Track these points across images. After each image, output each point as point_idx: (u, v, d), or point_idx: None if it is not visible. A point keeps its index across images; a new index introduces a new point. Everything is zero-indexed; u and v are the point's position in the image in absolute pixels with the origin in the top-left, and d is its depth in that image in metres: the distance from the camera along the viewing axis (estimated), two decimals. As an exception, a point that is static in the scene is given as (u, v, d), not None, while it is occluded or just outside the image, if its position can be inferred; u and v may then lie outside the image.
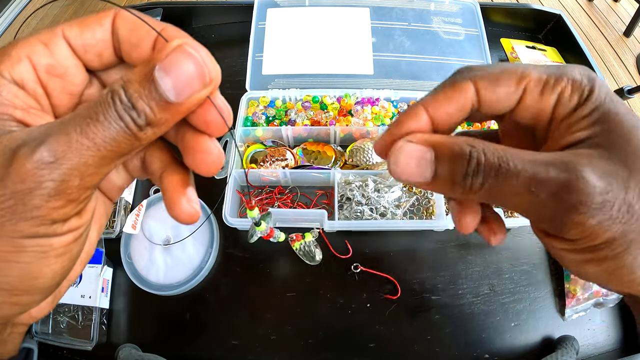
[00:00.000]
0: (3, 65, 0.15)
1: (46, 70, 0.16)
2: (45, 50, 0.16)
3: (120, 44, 0.17)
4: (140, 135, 0.15)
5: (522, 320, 0.50)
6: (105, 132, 0.14)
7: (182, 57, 0.15)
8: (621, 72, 1.77)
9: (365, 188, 0.56)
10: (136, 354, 0.45)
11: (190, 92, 0.15)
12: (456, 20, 0.71)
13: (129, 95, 0.14)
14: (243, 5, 0.77)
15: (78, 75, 0.17)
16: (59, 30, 0.16)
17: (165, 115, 0.15)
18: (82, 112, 0.14)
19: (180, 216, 0.18)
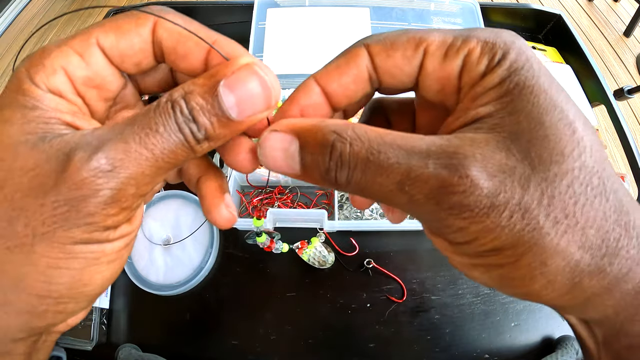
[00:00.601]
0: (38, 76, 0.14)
1: (83, 82, 0.16)
2: (80, 61, 0.15)
3: (164, 53, 0.17)
4: (196, 148, 0.14)
5: (522, 320, 0.50)
6: (164, 143, 0.14)
7: (249, 77, 0.14)
8: (621, 72, 1.77)
9: (365, 188, 0.56)
10: (136, 354, 0.45)
11: (253, 112, 0.14)
12: (456, 20, 0.71)
13: (190, 108, 0.14)
14: (243, 5, 0.77)
15: (114, 83, 0.17)
16: (93, 38, 0.15)
17: (224, 132, 0.14)
18: (140, 121, 0.14)
19: (219, 221, 0.18)
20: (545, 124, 0.13)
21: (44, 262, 0.13)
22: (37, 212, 0.13)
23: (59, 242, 0.13)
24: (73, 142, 0.13)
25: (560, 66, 0.70)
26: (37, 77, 0.14)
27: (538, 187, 0.12)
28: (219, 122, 0.14)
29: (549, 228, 0.12)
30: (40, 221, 0.13)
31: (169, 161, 0.14)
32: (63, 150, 0.13)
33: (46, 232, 0.13)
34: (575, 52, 0.72)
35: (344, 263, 0.53)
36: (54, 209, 0.13)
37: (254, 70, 0.14)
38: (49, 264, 0.13)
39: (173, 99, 0.14)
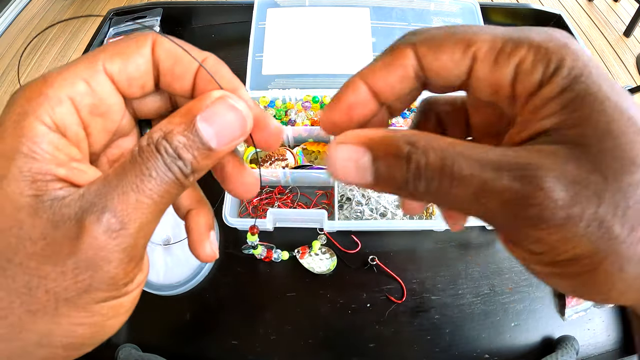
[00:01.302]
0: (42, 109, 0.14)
1: (90, 111, 0.15)
2: (87, 88, 0.15)
3: (160, 74, 0.17)
4: (185, 182, 0.15)
5: (522, 320, 0.50)
6: (159, 186, 0.14)
7: (223, 108, 0.15)
8: (621, 72, 1.77)
9: (366, 188, 0.56)
10: (136, 354, 0.45)
11: (231, 139, 0.15)
12: (456, 20, 0.71)
13: (174, 147, 0.14)
14: (243, 5, 0.77)
15: (119, 112, 0.17)
16: (100, 63, 0.15)
17: (207, 162, 0.15)
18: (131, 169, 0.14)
19: (202, 257, 0.19)
20: (614, 132, 0.12)
21: (66, 321, 0.14)
22: (59, 279, 0.13)
23: (82, 304, 0.13)
24: (77, 206, 0.13)
25: (560, 66, 0.70)
26: (40, 109, 0.14)
27: (612, 198, 0.12)
28: (202, 155, 0.15)
29: (625, 237, 0.12)
30: (63, 287, 0.13)
31: (166, 201, 0.15)
32: (69, 216, 0.13)
33: (69, 297, 0.13)
34: (575, 52, 0.72)
35: (347, 261, 0.53)
36: (75, 275, 0.13)
37: (227, 101, 0.15)
38: (71, 322, 0.14)
39: (155, 141, 0.14)
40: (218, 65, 0.17)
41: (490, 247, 0.55)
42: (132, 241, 0.14)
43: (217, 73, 0.17)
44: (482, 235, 0.56)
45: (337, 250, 0.53)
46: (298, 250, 0.51)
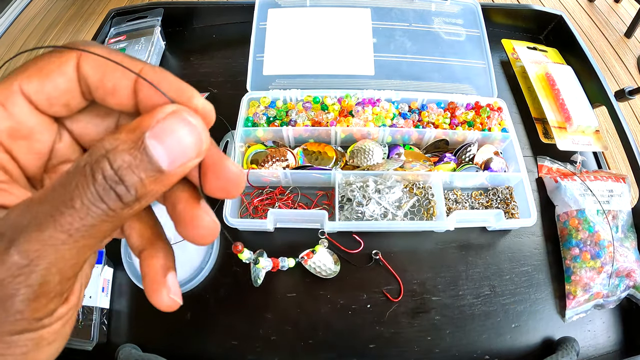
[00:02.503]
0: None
1: (8, 134, 0.14)
2: (2, 111, 0.14)
3: (91, 90, 0.15)
4: (124, 213, 0.13)
5: (523, 321, 0.50)
6: (82, 220, 0.12)
7: (177, 124, 0.13)
8: (622, 73, 1.77)
9: (366, 189, 0.56)
10: (136, 354, 0.45)
11: (185, 159, 0.13)
12: (457, 21, 0.71)
13: (116, 167, 0.12)
14: (244, 6, 0.77)
15: (45, 132, 0.16)
16: (15, 85, 0.14)
17: (156, 187, 0.13)
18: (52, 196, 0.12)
19: (161, 307, 0.16)
20: None
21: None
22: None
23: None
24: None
25: (561, 67, 0.70)
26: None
27: None
28: (150, 178, 0.13)
29: None
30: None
31: (93, 238, 0.13)
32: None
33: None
34: (576, 53, 0.72)
35: (351, 261, 0.53)
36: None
37: (181, 116, 0.13)
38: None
39: (93, 160, 0.12)
40: (161, 73, 0.15)
41: (491, 248, 0.55)
42: (39, 280, 0.12)
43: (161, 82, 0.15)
44: (483, 236, 0.56)
45: (339, 251, 0.53)
46: (302, 257, 0.50)
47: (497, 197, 0.59)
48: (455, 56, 0.68)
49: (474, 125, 0.62)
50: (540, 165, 0.63)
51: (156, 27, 0.73)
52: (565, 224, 0.55)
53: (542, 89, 0.68)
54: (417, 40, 0.70)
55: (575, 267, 0.52)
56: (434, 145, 0.62)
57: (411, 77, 0.67)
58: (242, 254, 0.43)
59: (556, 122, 0.64)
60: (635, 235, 0.55)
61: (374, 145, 0.59)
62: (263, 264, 0.47)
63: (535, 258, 0.55)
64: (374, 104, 0.63)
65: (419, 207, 0.57)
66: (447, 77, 0.67)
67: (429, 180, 0.58)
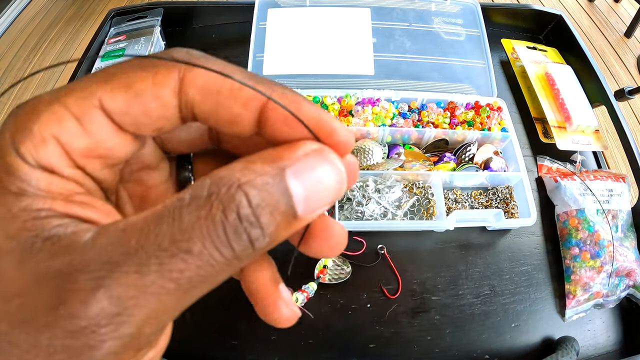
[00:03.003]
0: (25, 147, 0.11)
1: (82, 154, 0.12)
2: (78, 128, 0.11)
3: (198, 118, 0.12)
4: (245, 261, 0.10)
5: (523, 320, 0.50)
6: (199, 269, 0.10)
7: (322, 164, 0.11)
8: (622, 72, 1.77)
9: (366, 188, 0.56)
10: (136, 354, 0.45)
11: (320, 206, 0.11)
12: (457, 20, 0.71)
13: (255, 205, 0.10)
14: (244, 6, 0.77)
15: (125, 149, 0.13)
16: (95, 98, 0.11)
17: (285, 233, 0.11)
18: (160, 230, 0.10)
19: (280, 323, 0.14)
20: None
21: None
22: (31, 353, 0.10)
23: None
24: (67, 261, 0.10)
25: (560, 67, 0.70)
26: (23, 148, 0.11)
27: None
28: (285, 222, 0.10)
29: None
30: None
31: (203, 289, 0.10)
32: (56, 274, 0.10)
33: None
34: (576, 53, 0.72)
35: (357, 262, 0.53)
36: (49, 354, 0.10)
37: (326, 157, 0.11)
38: None
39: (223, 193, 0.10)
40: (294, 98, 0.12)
41: (491, 248, 0.55)
42: (132, 331, 0.10)
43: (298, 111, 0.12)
44: (483, 236, 0.56)
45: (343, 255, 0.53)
46: (318, 277, 0.51)
47: (496, 197, 0.59)
48: (455, 56, 0.68)
49: (474, 124, 0.62)
50: (540, 164, 0.63)
51: (156, 27, 0.73)
52: (565, 224, 0.55)
53: (541, 88, 0.68)
54: (416, 40, 0.70)
55: (575, 266, 0.52)
56: (433, 144, 0.62)
57: (411, 77, 0.67)
58: None
59: (556, 122, 0.64)
60: (635, 234, 0.55)
61: (373, 145, 0.59)
62: (300, 300, 0.49)
63: (535, 258, 0.55)
64: (374, 104, 0.63)
65: (418, 207, 0.57)
66: (446, 76, 0.67)
67: (429, 179, 0.58)
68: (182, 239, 0.09)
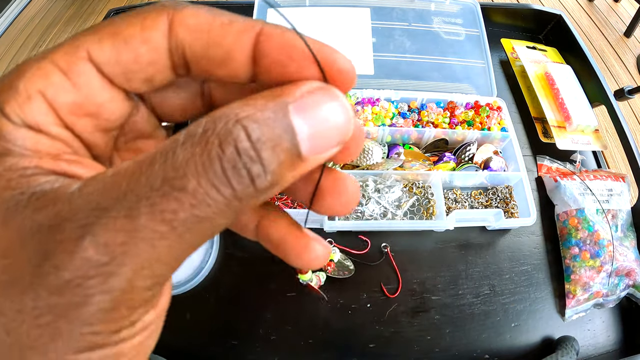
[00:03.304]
0: (9, 106, 0.10)
1: (70, 110, 0.11)
2: (65, 82, 0.11)
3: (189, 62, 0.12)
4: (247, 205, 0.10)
5: (522, 320, 0.50)
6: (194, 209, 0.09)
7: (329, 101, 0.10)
8: (621, 72, 1.77)
9: (366, 188, 0.56)
10: (136, 354, 0.45)
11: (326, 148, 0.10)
12: (456, 20, 0.71)
13: (255, 139, 0.09)
14: (243, 5, 0.77)
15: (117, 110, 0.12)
16: (83, 50, 0.11)
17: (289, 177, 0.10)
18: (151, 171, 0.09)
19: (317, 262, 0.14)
20: None
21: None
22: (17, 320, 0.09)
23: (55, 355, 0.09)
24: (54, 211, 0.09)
25: (560, 66, 0.70)
26: (7, 107, 0.10)
27: None
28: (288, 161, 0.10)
29: None
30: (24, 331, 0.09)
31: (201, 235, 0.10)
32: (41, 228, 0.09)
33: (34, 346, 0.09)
34: (576, 53, 0.72)
35: (361, 261, 0.53)
36: (34, 317, 0.09)
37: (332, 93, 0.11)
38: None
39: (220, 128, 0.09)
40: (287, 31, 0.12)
41: (491, 248, 0.55)
42: (123, 284, 0.09)
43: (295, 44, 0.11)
44: (482, 236, 0.56)
45: (349, 255, 0.53)
46: (327, 268, 0.51)
47: (496, 197, 0.59)
48: (454, 56, 0.68)
49: (474, 124, 0.62)
50: (540, 164, 0.63)
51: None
52: (565, 223, 0.55)
53: (541, 88, 0.68)
54: (416, 39, 0.70)
55: (574, 266, 0.52)
56: (433, 144, 0.62)
57: (411, 77, 0.67)
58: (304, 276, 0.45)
59: (555, 122, 0.64)
60: (635, 234, 0.55)
61: (373, 145, 0.59)
62: (315, 282, 0.49)
63: (534, 257, 0.55)
64: (374, 104, 0.63)
65: (418, 207, 0.57)
66: (446, 76, 0.67)
67: (429, 179, 0.58)
68: (175, 176, 0.09)
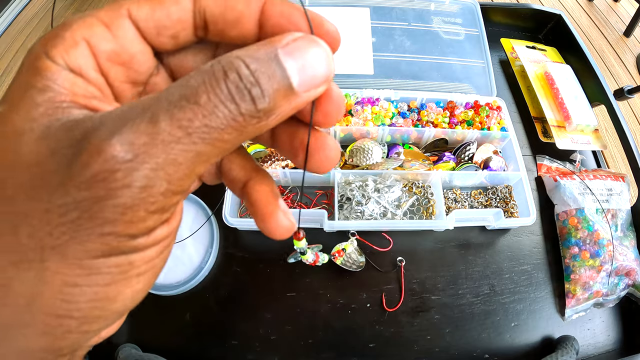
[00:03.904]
0: (56, 50, 0.12)
1: (108, 57, 0.13)
2: (107, 33, 0.13)
3: (208, 23, 0.14)
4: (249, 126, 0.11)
5: (522, 320, 0.50)
6: (207, 118, 0.11)
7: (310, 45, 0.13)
8: (621, 72, 1.77)
9: (366, 188, 0.56)
10: (136, 354, 0.45)
11: (313, 83, 0.13)
12: (456, 20, 0.71)
13: (253, 69, 0.11)
14: (243, 5, 0.77)
15: (145, 63, 0.14)
16: (124, 8, 0.13)
17: (285, 105, 0.12)
18: (174, 90, 0.11)
19: (277, 231, 0.15)
20: None
21: (58, 280, 0.11)
22: (43, 220, 0.10)
23: (73, 257, 0.11)
24: (85, 127, 0.11)
25: (560, 66, 0.70)
26: (53, 51, 0.12)
27: None
28: (282, 91, 0.12)
29: None
30: (47, 231, 0.10)
31: (213, 144, 0.11)
32: (72, 138, 0.11)
33: (56, 245, 0.10)
34: (576, 52, 0.72)
35: (375, 262, 0.52)
36: (61, 215, 0.10)
37: (313, 39, 0.13)
38: (65, 282, 0.11)
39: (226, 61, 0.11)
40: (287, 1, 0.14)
41: (490, 247, 0.55)
42: (142, 181, 0.10)
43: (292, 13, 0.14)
44: (482, 235, 0.56)
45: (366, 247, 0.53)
46: (334, 254, 0.51)
47: (496, 196, 0.59)
48: (454, 55, 0.68)
49: (473, 124, 0.62)
50: (540, 164, 0.63)
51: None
52: (565, 223, 0.55)
53: (541, 88, 0.68)
54: (416, 39, 0.70)
55: (574, 265, 0.52)
56: (433, 144, 0.62)
57: (410, 77, 0.67)
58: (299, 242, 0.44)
59: (555, 121, 0.64)
60: (635, 234, 0.55)
61: (373, 145, 0.59)
62: (308, 257, 0.48)
63: (534, 257, 0.55)
64: (373, 103, 0.63)
65: (418, 206, 0.57)
66: (446, 76, 0.67)
67: (429, 179, 0.58)
68: (190, 93, 0.11)
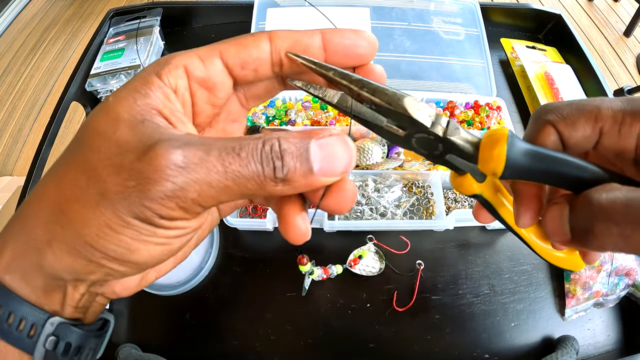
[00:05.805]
0: (162, 71, 0.17)
1: (198, 81, 0.18)
2: (200, 64, 0.18)
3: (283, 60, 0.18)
4: (269, 185, 0.15)
5: (522, 320, 0.50)
6: (239, 167, 0.15)
7: (338, 143, 0.16)
8: (621, 72, 1.77)
9: (365, 188, 0.56)
10: (136, 354, 0.45)
11: (331, 173, 0.16)
12: (456, 20, 0.71)
13: (282, 148, 0.15)
14: (243, 5, 0.77)
15: (224, 91, 0.19)
16: (217, 49, 0.18)
17: (301, 181, 0.16)
18: (227, 141, 0.15)
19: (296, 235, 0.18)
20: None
21: (102, 220, 0.15)
22: (112, 182, 0.15)
23: (119, 210, 0.15)
24: (164, 134, 0.15)
25: (560, 66, 0.70)
26: (161, 71, 0.17)
27: None
28: (300, 170, 0.16)
29: None
30: (110, 188, 0.15)
31: (238, 186, 0.15)
32: (153, 137, 0.15)
33: (112, 198, 0.15)
34: (576, 52, 0.72)
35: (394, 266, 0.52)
36: (123, 180, 0.15)
37: (343, 139, 0.17)
38: (106, 223, 0.15)
39: (266, 138, 0.15)
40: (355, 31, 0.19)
41: (491, 247, 0.55)
42: (182, 184, 0.14)
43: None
44: (482, 235, 0.56)
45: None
46: (350, 263, 0.51)
47: (496, 196, 0.59)
48: (454, 55, 0.68)
49: (473, 124, 0.62)
50: (540, 164, 0.63)
51: (155, 26, 0.73)
52: (565, 223, 0.55)
53: (541, 88, 0.68)
54: (416, 39, 0.70)
55: (574, 265, 0.52)
56: (433, 144, 0.62)
57: (410, 77, 0.67)
58: (304, 267, 0.44)
59: (555, 121, 0.64)
60: (635, 234, 0.55)
61: (373, 145, 0.59)
62: (316, 275, 0.49)
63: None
64: (373, 104, 0.63)
65: (418, 206, 0.57)
66: (446, 76, 0.67)
67: (429, 179, 0.58)
68: (238, 147, 0.15)
